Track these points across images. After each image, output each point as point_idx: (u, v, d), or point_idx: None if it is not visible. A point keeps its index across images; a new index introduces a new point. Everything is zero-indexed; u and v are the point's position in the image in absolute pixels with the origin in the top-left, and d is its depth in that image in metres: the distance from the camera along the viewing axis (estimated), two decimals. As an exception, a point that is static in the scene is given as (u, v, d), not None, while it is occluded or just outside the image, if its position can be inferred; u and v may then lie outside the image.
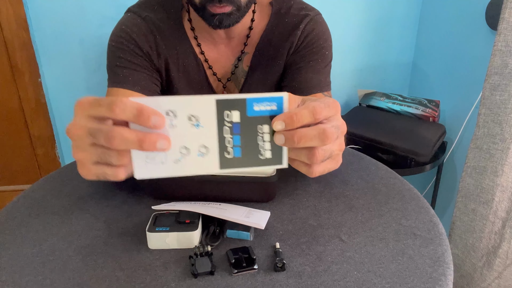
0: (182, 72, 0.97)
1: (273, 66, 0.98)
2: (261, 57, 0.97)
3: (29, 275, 0.59)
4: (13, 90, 1.72)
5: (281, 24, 0.96)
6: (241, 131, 0.46)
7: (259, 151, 0.47)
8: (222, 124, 0.46)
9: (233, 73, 0.99)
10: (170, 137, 0.45)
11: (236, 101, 0.45)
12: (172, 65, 0.95)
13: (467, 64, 1.57)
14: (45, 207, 0.75)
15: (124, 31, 0.91)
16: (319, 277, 0.58)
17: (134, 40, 0.91)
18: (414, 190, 0.79)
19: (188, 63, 0.96)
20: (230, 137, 0.46)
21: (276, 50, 0.97)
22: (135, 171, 0.46)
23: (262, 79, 0.99)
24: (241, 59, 0.98)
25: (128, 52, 0.91)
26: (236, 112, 0.46)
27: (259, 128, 0.47)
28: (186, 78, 0.98)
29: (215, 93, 1.00)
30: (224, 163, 0.47)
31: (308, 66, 0.95)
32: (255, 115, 0.46)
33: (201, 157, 0.46)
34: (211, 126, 0.46)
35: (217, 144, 0.46)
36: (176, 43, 0.94)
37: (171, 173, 0.46)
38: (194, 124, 0.45)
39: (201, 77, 0.98)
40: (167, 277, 0.58)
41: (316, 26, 0.95)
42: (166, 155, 0.46)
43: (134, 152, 0.45)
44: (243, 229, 0.65)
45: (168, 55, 0.94)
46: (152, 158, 0.45)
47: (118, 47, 0.91)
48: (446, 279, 0.58)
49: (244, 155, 0.47)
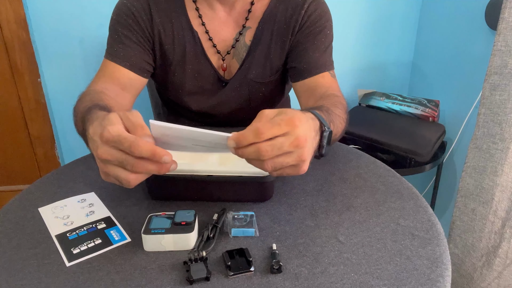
0: (177, 44, 0.99)
1: (277, 43, 1.00)
2: (264, 33, 0.99)
3: (25, 278, 0.59)
4: (13, 90, 1.72)
5: (285, 1, 0.98)
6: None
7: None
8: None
9: (233, 47, 1.01)
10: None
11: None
12: (165, 37, 0.98)
13: (467, 64, 1.56)
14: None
15: (125, 5, 0.96)
16: (316, 279, 0.57)
17: (133, 15, 0.95)
18: (412, 189, 0.79)
19: (184, 35, 0.98)
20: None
21: (280, 27, 0.99)
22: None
23: (264, 55, 1.01)
24: (242, 33, 1.00)
25: (126, 27, 0.95)
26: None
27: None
28: (181, 50, 1.00)
29: (212, 67, 1.02)
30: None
31: (314, 47, 0.98)
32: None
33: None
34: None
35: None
36: (173, 15, 0.97)
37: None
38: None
39: (197, 50, 1.00)
40: (163, 280, 0.58)
41: (318, 6, 0.98)
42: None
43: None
44: (247, 226, 0.66)
45: (161, 27, 0.97)
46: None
47: (118, 21, 0.96)
48: (444, 280, 0.57)
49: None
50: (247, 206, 0.73)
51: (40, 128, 1.80)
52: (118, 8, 0.97)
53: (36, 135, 1.81)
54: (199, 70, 1.02)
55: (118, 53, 0.94)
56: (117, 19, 0.96)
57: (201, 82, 1.03)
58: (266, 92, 1.06)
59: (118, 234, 0.67)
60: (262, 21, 0.98)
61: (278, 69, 1.03)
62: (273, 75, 1.04)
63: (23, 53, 1.65)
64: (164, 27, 0.97)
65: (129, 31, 0.95)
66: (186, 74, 1.01)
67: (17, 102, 1.74)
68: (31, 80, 1.70)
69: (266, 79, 1.04)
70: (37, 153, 1.85)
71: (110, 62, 0.95)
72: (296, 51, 1.00)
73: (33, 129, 1.80)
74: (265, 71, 1.02)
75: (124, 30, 0.95)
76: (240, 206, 0.73)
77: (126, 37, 0.95)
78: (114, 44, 0.96)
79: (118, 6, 0.97)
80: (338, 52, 1.85)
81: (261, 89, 1.05)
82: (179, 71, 1.01)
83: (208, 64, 1.01)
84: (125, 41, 0.95)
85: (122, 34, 0.95)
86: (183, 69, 1.01)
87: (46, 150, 1.85)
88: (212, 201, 0.74)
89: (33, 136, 1.81)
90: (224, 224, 0.68)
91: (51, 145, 1.84)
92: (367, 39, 1.84)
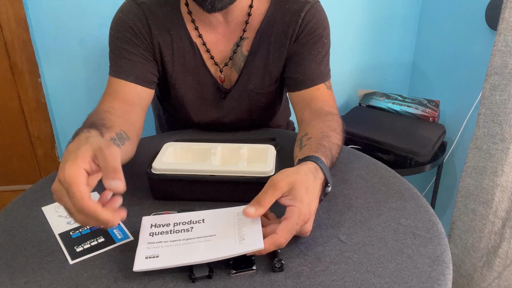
0: (177, 56, 0.98)
1: (275, 52, 0.99)
2: (262, 42, 0.98)
3: (27, 276, 0.59)
4: (13, 90, 1.72)
5: (282, 10, 0.97)
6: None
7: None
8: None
9: (231, 58, 1.00)
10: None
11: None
12: (165, 49, 0.97)
13: (467, 64, 1.56)
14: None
15: (121, 19, 0.94)
16: (318, 278, 0.58)
17: (131, 28, 0.93)
18: (413, 189, 0.79)
19: (183, 47, 0.97)
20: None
21: (277, 36, 0.98)
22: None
23: (262, 65, 1.00)
24: (239, 44, 0.99)
25: (125, 41, 0.93)
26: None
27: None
28: (181, 61, 0.99)
29: (212, 77, 1.01)
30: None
31: (310, 57, 0.97)
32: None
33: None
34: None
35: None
36: (171, 26, 0.96)
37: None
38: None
39: (197, 61, 0.99)
40: (165, 278, 0.58)
41: (316, 14, 0.97)
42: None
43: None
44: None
45: (160, 39, 0.96)
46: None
47: (117, 36, 0.94)
48: (445, 278, 0.58)
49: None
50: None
51: (40, 128, 1.80)
52: (115, 23, 0.95)
53: (36, 135, 1.81)
54: (199, 81, 1.01)
55: (122, 69, 0.93)
56: (116, 35, 0.94)
57: (201, 92, 1.02)
58: (266, 102, 1.06)
59: (121, 233, 0.68)
60: (259, 31, 0.97)
61: (277, 79, 1.03)
62: (272, 84, 1.03)
63: (23, 53, 1.65)
64: (163, 39, 0.96)
65: (129, 45, 0.93)
66: (187, 85, 1.01)
67: (17, 102, 1.74)
68: (31, 80, 1.70)
69: (265, 89, 1.03)
70: (37, 153, 1.85)
71: (115, 79, 0.93)
72: (293, 61, 0.99)
73: (33, 129, 1.80)
74: (264, 81, 1.02)
75: (124, 44, 0.93)
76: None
77: (127, 51, 0.93)
78: (116, 60, 0.94)
79: (114, 21, 0.95)
80: (338, 52, 1.85)
81: (261, 100, 1.05)
82: (179, 82, 1.00)
83: (208, 74, 1.00)
84: (127, 55, 0.93)
85: (122, 49, 0.93)
86: (184, 80, 1.00)
87: (46, 150, 1.85)
88: (214, 201, 0.75)
89: (33, 136, 1.81)
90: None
91: (51, 145, 1.84)
92: (367, 39, 1.85)
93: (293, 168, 0.67)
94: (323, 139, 0.79)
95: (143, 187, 0.79)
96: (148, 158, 0.79)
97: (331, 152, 0.77)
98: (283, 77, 1.03)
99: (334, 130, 0.84)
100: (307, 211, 0.62)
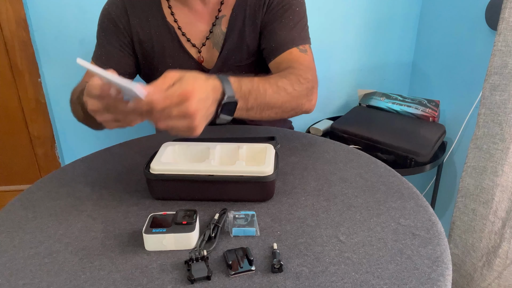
0: (156, 43, 1.03)
1: (250, 25, 1.03)
2: (238, 19, 1.02)
3: (26, 278, 0.59)
4: (13, 90, 1.72)
5: None
6: None
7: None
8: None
9: (207, 38, 1.04)
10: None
11: None
12: (144, 36, 1.02)
13: (467, 64, 1.56)
14: (42, 208, 0.75)
15: (106, 10, 1.03)
16: (317, 278, 0.57)
17: (114, 20, 1.01)
18: (413, 189, 0.79)
19: (161, 33, 1.02)
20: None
21: (251, 9, 1.02)
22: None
23: (240, 39, 1.04)
24: (215, 24, 1.03)
25: (108, 32, 1.02)
26: None
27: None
28: (160, 46, 1.04)
29: (192, 59, 1.05)
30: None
31: (281, 25, 1.01)
32: None
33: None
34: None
35: None
36: (148, 14, 1.02)
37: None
38: None
39: (175, 45, 1.04)
40: (164, 280, 0.58)
41: None
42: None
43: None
44: (248, 226, 0.66)
45: (139, 28, 1.01)
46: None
47: (101, 26, 1.04)
48: (444, 279, 0.57)
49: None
50: (248, 206, 0.73)
51: (40, 128, 1.80)
52: (101, 13, 1.04)
53: (36, 135, 1.81)
54: (180, 64, 1.05)
55: (100, 57, 1.01)
56: (101, 24, 1.03)
57: None
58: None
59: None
60: (235, 7, 1.02)
61: (254, 52, 1.06)
62: (250, 58, 1.06)
63: (23, 53, 1.65)
64: (142, 27, 1.01)
65: (109, 35, 1.01)
66: (168, 68, 1.04)
67: (17, 102, 1.74)
68: (31, 80, 1.70)
69: (243, 62, 1.06)
70: (37, 153, 1.85)
71: (94, 64, 0.99)
72: (265, 32, 1.02)
73: (33, 129, 1.80)
74: (242, 55, 1.05)
75: (106, 34, 1.01)
76: (241, 206, 0.73)
77: (108, 41, 1.01)
78: (98, 48, 1.03)
79: (101, 11, 1.04)
80: (338, 52, 1.85)
81: (242, 73, 1.06)
82: (162, 66, 1.05)
83: (187, 56, 1.04)
84: (107, 45, 1.01)
85: (104, 38, 1.01)
86: (166, 66, 1.04)
87: (46, 150, 1.85)
88: (213, 201, 0.75)
89: (33, 136, 1.81)
90: (225, 223, 0.68)
91: (51, 145, 1.83)
92: (367, 39, 1.84)
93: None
94: (247, 77, 0.82)
95: (143, 187, 0.79)
96: (146, 158, 0.79)
97: (253, 88, 0.80)
98: (260, 51, 1.06)
99: (283, 77, 0.86)
100: (191, 101, 0.63)
